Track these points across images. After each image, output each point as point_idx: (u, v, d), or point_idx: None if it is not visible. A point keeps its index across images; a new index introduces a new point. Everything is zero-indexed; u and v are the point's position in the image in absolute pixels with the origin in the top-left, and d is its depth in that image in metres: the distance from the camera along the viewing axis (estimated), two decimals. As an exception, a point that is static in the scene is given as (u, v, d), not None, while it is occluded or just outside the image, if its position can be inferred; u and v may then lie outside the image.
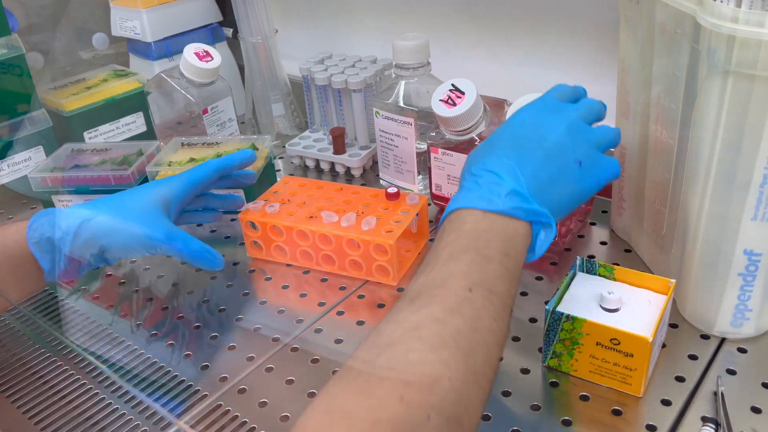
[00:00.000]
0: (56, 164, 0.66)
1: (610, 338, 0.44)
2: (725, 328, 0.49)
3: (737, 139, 0.41)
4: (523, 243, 0.40)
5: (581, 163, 0.43)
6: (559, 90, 0.48)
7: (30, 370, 0.53)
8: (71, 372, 0.52)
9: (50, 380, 0.51)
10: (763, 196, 0.42)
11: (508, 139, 0.43)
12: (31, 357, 0.54)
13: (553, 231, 0.41)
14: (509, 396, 0.46)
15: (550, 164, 0.42)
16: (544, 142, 0.42)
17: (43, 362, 0.53)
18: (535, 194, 0.40)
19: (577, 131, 0.44)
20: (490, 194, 0.40)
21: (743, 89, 0.40)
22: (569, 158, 0.42)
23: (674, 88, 0.47)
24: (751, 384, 0.45)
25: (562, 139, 0.43)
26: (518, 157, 0.41)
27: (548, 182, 0.41)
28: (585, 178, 0.43)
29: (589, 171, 0.43)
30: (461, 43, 0.77)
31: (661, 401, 0.44)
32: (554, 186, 0.42)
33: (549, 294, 0.55)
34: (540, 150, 0.42)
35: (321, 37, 0.92)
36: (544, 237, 0.41)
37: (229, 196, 0.64)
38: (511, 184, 0.40)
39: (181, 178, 0.56)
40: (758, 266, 0.45)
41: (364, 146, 0.78)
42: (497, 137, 0.44)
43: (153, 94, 0.76)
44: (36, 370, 0.53)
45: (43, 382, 0.51)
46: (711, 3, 0.39)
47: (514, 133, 0.44)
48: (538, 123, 0.44)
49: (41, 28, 0.87)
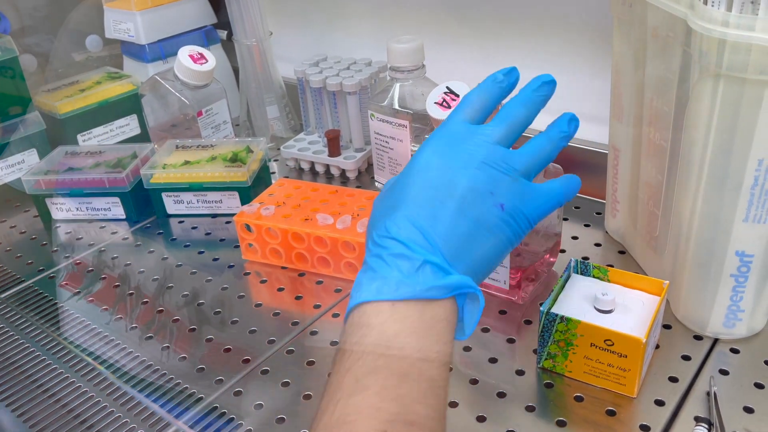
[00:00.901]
0: (50, 167, 0.66)
1: (603, 339, 0.44)
2: (718, 329, 0.49)
3: (728, 142, 0.42)
4: (447, 328, 0.33)
5: (503, 206, 0.35)
6: (468, 105, 0.38)
7: (24, 373, 0.53)
8: (66, 375, 0.52)
9: (43, 382, 0.51)
10: (755, 197, 0.43)
11: (413, 189, 0.35)
12: (23, 358, 0.54)
13: (480, 302, 0.34)
14: (504, 397, 0.46)
15: (465, 216, 0.34)
16: (455, 188, 0.35)
17: (33, 362, 0.53)
18: (453, 258, 0.33)
19: (494, 164, 0.35)
20: (399, 275, 0.32)
21: (734, 92, 0.40)
22: (487, 203, 0.35)
23: (667, 91, 0.47)
24: (744, 384, 0.45)
25: (475, 181, 0.35)
26: (427, 213, 0.34)
27: (467, 239, 0.34)
28: (511, 223, 0.36)
29: (516, 212, 0.36)
30: (456, 45, 0.77)
31: (655, 401, 0.45)
32: (474, 242, 0.34)
33: (543, 298, 0.56)
34: (451, 200, 0.34)
35: (316, 39, 0.92)
36: (470, 312, 0.34)
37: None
38: (421, 255, 0.33)
39: None
40: (750, 267, 0.46)
41: (360, 149, 0.78)
42: (400, 187, 0.36)
43: (147, 96, 0.76)
44: (27, 369, 0.53)
45: (32, 381, 0.51)
46: (702, 7, 0.40)
47: (418, 181, 0.35)
48: (445, 164, 0.36)
49: (34, 31, 0.87)
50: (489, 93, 0.39)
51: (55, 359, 0.54)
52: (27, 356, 0.54)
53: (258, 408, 0.47)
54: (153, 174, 0.68)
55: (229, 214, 0.69)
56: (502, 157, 0.36)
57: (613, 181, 0.60)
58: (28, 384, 0.51)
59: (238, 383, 0.50)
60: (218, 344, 0.54)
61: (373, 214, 0.37)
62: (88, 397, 0.50)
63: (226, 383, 0.50)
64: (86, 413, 0.48)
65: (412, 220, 0.34)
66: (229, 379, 0.50)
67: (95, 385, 0.51)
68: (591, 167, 0.68)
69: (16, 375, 0.53)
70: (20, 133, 0.74)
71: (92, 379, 0.51)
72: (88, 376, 0.51)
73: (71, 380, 0.51)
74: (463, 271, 0.34)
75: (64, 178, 0.65)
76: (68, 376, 0.52)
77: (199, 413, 0.47)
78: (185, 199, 0.70)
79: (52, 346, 0.55)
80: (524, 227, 0.36)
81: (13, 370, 0.53)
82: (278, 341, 0.53)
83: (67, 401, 0.49)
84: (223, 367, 0.51)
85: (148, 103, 0.77)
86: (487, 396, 0.46)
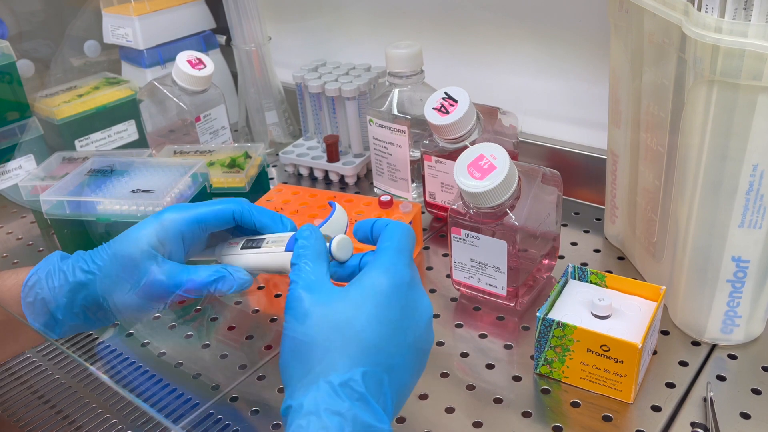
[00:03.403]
0: (47, 173, 0.66)
1: (600, 345, 0.44)
2: (715, 335, 0.49)
3: (723, 147, 0.42)
4: None
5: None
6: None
7: (20, 379, 0.53)
8: (62, 381, 0.52)
9: (38, 388, 0.51)
10: (750, 203, 0.43)
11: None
12: (18, 365, 0.54)
13: None
14: (501, 403, 0.46)
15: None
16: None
17: (28, 368, 0.53)
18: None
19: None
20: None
21: (728, 98, 0.40)
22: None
23: (663, 97, 0.47)
24: (741, 390, 0.45)
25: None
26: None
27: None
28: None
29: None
30: (454, 51, 0.77)
31: (651, 407, 0.45)
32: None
33: (541, 304, 0.56)
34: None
35: (315, 45, 0.92)
36: None
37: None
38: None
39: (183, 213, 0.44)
40: (746, 273, 0.45)
41: (358, 154, 0.78)
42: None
43: (145, 101, 0.76)
44: (22, 376, 0.52)
45: (27, 387, 0.51)
46: (696, 13, 0.40)
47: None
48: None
49: (32, 36, 0.87)
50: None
51: (51, 365, 0.54)
52: (22, 362, 0.54)
53: (254, 414, 0.47)
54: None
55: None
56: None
57: (612, 186, 0.60)
58: (23, 390, 0.51)
59: (234, 390, 0.49)
60: (215, 350, 0.54)
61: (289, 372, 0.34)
62: (84, 403, 0.49)
63: (223, 389, 0.49)
64: (81, 420, 0.48)
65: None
66: (226, 386, 0.50)
67: (91, 391, 0.50)
68: (591, 173, 0.68)
69: (10, 381, 0.53)
70: (17, 139, 0.74)
71: (89, 385, 0.51)
72: (83, 382, 0.51)
73: (67, 386, 0.51)
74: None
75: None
76: (64, 382, 0.51)
77: (195, 420, 0.47)
78: (183, 204, 0.70)
79: (48, 351, 0.55)
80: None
81: (9, 376, 0.53)
82: (275, 348, 0.53)
83: (62, 407, 0.49)
84: (219, 373, 0.51)
85: (146, 108, 0.77)
86: (483, 402, 0.46)
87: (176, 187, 0.58)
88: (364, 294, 0.34)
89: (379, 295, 0.34)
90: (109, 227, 0.57)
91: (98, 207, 0.57)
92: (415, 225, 0.62)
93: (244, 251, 0.43)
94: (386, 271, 0.35)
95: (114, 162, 0.62)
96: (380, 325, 0.33)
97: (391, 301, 0.34)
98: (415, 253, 0.63)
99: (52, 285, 0.43)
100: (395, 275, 0.35)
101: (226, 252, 0.45)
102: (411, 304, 0.35)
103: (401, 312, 0.34)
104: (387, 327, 0.34)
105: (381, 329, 0.33)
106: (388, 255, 0.36)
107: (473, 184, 0.49)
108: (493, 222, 0.51)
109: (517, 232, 0.50)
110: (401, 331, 0.34)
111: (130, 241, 0.42)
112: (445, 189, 0.65)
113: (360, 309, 0.33)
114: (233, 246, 0.45)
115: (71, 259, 0.44)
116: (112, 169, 0.61)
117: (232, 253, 0.44)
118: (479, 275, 0.54)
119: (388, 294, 0.34)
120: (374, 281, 0.34)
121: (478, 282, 0.54)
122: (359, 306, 0.34)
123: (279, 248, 0.41)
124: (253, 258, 0.43)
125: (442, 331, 0.53)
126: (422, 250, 0.64)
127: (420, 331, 0.35)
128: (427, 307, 0.36)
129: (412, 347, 0.35)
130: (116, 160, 0.62)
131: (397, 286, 0.35)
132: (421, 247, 0.64)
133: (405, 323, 0.34)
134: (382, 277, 0.35)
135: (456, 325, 0.54)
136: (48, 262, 0.45)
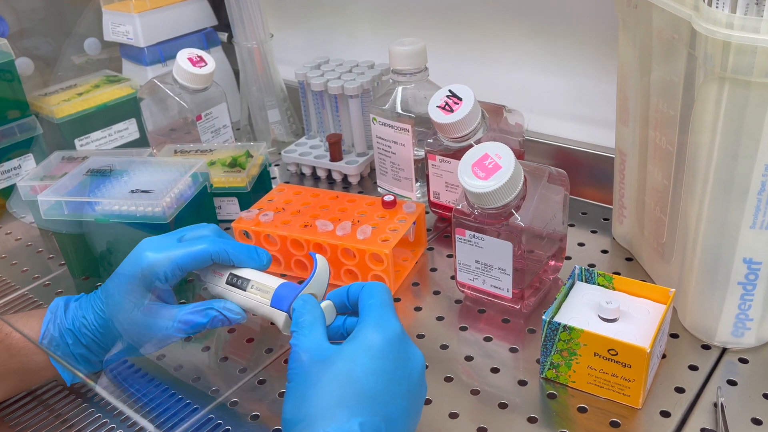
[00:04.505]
0: (46, 172, 0.66)
1: (607, 349, 0.43)
2: (726, 338, 0.48)
3: (734, 147, 0.41)
4: None
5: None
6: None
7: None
8: (59, 386, 0.51)
9: (36, 392, 0.51)
10: (762, 203, 0.42)
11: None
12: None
13: None
14: (506, 408, 0.45)
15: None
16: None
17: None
18: None
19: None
20: None
21: (739, 96, 0.39)
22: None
23: (672, 94, 0.46)
24: (752, 395, 0.44)
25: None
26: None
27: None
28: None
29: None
30: (459, 48, 0.76)
31: (660, 413, 0.44)
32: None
33: (547, 306, 0.55)
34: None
35: (317, 42, 0.92)
36: None
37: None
38: None
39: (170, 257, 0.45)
40: (758, 275, 0.44)
41: (362, 153, 0.77)
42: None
43: (146, 100, 0.76)
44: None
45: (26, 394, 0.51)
46: (706, 8, 0.39)
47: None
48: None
49: (32, 33, 0.86)
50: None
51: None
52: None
53: (254, 419, 0.46)
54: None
55: (228, 220, 0.68)
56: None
57: (620, 186, 0.59)
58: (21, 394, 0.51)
59: (234, 394, 0.49)
60: (215, 354, 0.53)
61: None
62: (82, 407, 0.49)
63: (222, 393, 0.49)
64: (79, 424, 0.47)
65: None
66: (225, 390, 0.49)
67: (89, 397, 0.50)
68: (598, 172, 0.67)
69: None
70: (16, 138, 0.73)
71: (85, 390, 0.50)
72: (78, 385, 0.51)
73: (65, 391, 0.50)
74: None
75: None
76: (61, 387, 0.51)
77: (194, 424, 0.46)
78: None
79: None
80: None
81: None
82: (276, 351, 0.53)
83: (60, 411, 0.49)
84: (219, 377, 0.50)
85: (147, 107, 0.76)
86: (488, 407, 0.45)
87: (176, 187, 0.57)
88: (359, 348, 0.36)
89: (372, 348, 0.36)
90: (108, 228, 0.56)
91: (97, 207, 0.56)
92: (419, 225, 0.61)
93: (230, 288, 0.46)
94: (377, 325, 0.37)
95: (113, 162, 0.61)
96: (375, 376, 0.35)
97: (385, 352, 0.36)
98: (418, 255, 0.62)
99: (67, 342, 0.47)
100: (386, 329, 0.37)
101: (211, 281, 0.47)
102: (403, 355, 0.37)
103: (394, 363, 0.36)
104: (382, 378, 0.35)
105: (377, 380, 0.35)
106: (375, 311, 0.38)
107: (478, 184, 0.48)
108: (498, 223, 0.50)
109: (522, 232, 0.49)
110: (396, 381, 0.36)
111: (119, 290, 0.46)
112: (449, 188, 0.64)
113: (356, 362, 0.35)
114: (218, 277, 0.47)
115: (72, 315, 0.47)
116: (111, 169, 0.60)
117: (217, 285, 0.47)
118: (484, 277, 0.53)
119: (381, 347, 0.36)
120: (367, 336, 0.37)
121: (483, 284, 0.53)
122: (354, 360, 0.35)
123: (264, 299, 0.44)
124: (240, 299, 0.45)
125: (446, 334, 0.53)
126: (426, 251, 0.64)
127: (414, 380, 0.37)
128: (419, 357, 0.38)
129: (406, 396, 0.36)
130: (115, 160, 0.62)
131: (389, 339, 0.37)
132: (425, 247, 0.64)
133: (399, 374, 0.36)
134: (374, 331, 0.37)
135: (460, 327, 0.53)
136: (55, 314, 0.48)
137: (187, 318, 0.45)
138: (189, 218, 0.58)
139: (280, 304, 0.43)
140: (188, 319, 0.45)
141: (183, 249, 0.45)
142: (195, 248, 0.45)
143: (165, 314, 0.45)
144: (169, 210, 0.56)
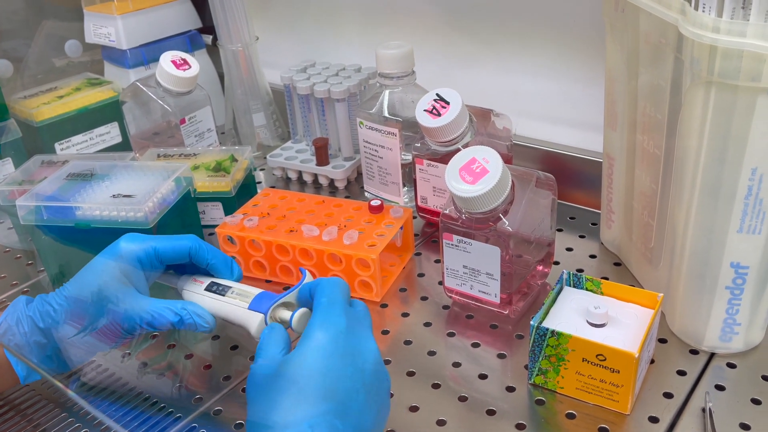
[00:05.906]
0: (25, 177, 0.64)
1: (596, 354, 0.43)
2: (714, 343, 0.48)
3: (721, 151, 0.41)
4: None
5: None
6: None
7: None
8: (38, 394, 0.50)
9: (14, 400, 0.49)
10: (749, 207, 0.42)
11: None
12: None
13: None
14: (494, 415, 0.45)
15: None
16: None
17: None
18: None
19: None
20: None
21: (726, 100, 0.39)
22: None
23: (659, 98, 0.46)
24: (740, 400, 0.44)
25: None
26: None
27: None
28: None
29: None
30: (446, 51, 0.76)
31: (649, 418, 0.43)
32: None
33: (535, 312, 0.54)
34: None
35: (303, 45, 0.91)
36: None
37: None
38: None
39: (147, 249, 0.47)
40: (745, 279, 0.44)
41: (349, 157, 0.77)
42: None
43: (128, 103, 0.74)
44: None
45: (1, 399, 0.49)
46: (693, 12, 0.39)
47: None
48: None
49: (12, 35, 0.85)
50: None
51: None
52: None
53: (238, 428, 0.46)
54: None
55: (212, 225, 0.67)
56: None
57: (608, 190, 0.58)
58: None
59: (217, 402, 0.48)
60: (199, 361, 0.52)
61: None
62: (61, 416, 0.48)
63: (206, 402, 0.48)
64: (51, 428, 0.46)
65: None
66: (209, 398, 0.48)
67: (69, 407, 0.49)
68: (586, 176, 0.67)
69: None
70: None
71: (67, 401, 0.49)
72: (56, 392, 0.49)
73: (43, 402, 0.49)
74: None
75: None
76: (40, 395, 0.50)
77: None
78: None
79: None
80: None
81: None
82: (261, 357, 0.52)
83: (39, 421, 0.47)
84: (202, 385, 0.49)
85: (130, 110, 0.75)
86: (476, 413, 0.45)
87: (159, 192, 0.56)
88: (305, 351, 0.36)
89: (318, 348, 0.36)
90: (89, 234, 0.55)
91: (77, 212, 0.55)
92: (406, 230, 0.61)
93: (208, 294, 0.46)
94: (320, 325, 0.37)
95: (94, 166, 0.60)
96: (323, 376, 0.35)
97: (330, 351, 0.36)
98: (406, 260, 0.62)
99: (23, 331, 0.45)
100: (329, 327, 0.37)
101: (189, 288, 0.47)
102: (351, 350, 0.37)
103: (342, 360, 0.36)
104: (330, 376, 0.35)
105: (324, 380, 0.35)
106: (319, 310, 0.38)
107: (465, 189, 0.47)
108: (485, 227, 0.49)
109: (510, 237, 0.49)
110: (346, 377, 0.36)
111: (92, 275, 0.45)
112: (437, 193, 0.64)
113: (302, 366, 0.35)
114: (197, 284, 0.47)
115: (35, 303, 0.46)
116: (92, 173, 0.59)
117: (195, 291, 0.47)
118: (472, 282, 0.52)
119: (324, 346, 0.36)
120: (312, 337, 0.37)
121: (471, 289, 0.53)
122: (301, 363, 0.36)
123: (243, 303, 0.44)
124: (216, 304, 0.45)
125: (433, 340, 0.52)
126: (413, 257, 0.63)
127: (368, 373, 0.37)
128: (371, 349, 0.38)
129: (362, 390, 0.36)
130: (96, 164, 0.61)
131: (333, 337, 0.36)
132: (413, 253, 0.63)
133: (349, 370, 0.36)
134: (317, 331, 0.37)
135: (448, 333, 0.53)
136: (15, 308, 0.46)
137: (157, 310, 0.44)
138: (172, 223, 0.57)
139: (259, 306, 0.43)
140: (158, 312, 0.44)
141: (162, 240, 0.47)
142: (174, 241, 0.47)
143: (135, 303, 0.44)
144: (151, 215, 0.55)
